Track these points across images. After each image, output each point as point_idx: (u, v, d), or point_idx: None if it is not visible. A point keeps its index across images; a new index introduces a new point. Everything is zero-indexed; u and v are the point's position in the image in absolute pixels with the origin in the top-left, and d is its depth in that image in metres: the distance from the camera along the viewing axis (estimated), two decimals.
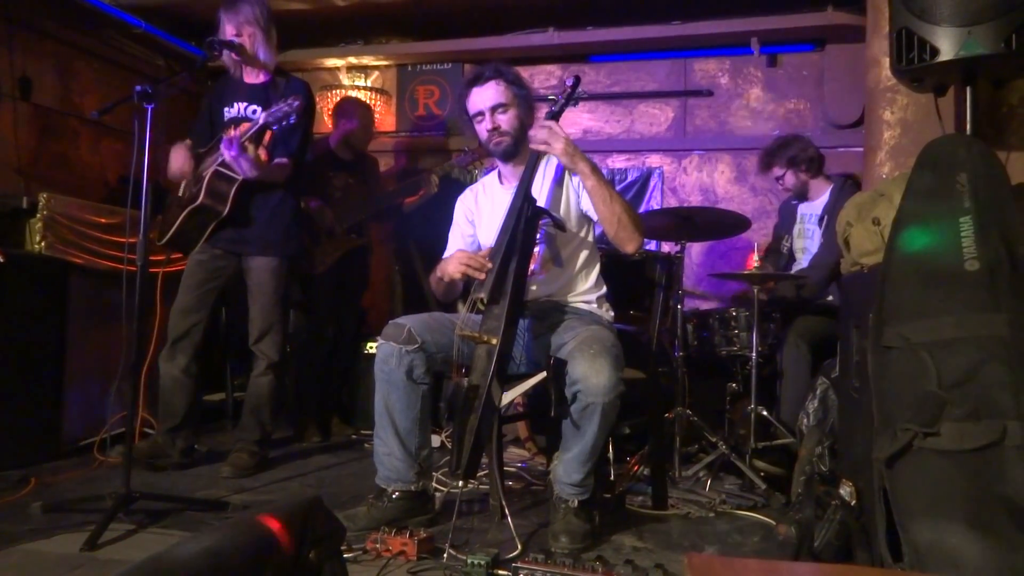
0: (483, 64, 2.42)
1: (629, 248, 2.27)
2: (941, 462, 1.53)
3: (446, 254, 2.40)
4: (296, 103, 2.80)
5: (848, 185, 3.44)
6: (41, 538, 2.06)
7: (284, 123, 2.86)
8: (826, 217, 3.40)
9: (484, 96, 2.36)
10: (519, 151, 2.40)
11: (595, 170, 2.22)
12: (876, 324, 1.72)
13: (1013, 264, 1.62)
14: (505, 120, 2.36)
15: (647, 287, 2.88)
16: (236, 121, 2.98)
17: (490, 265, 2.16)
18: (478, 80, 2.37)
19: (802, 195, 3.54)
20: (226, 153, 2.83)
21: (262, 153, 2.92)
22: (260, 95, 3.03)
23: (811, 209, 3.53)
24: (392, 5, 4.12)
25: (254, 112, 2.99)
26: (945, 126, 2.23)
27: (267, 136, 2.96)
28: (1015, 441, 1.48)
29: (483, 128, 2.38)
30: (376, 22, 4.40)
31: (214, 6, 3.03)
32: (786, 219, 3.69)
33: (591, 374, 2.02)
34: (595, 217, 2.32)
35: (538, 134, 2.22)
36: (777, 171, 3.51)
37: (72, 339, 3.22)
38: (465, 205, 2.59)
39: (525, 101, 2.39)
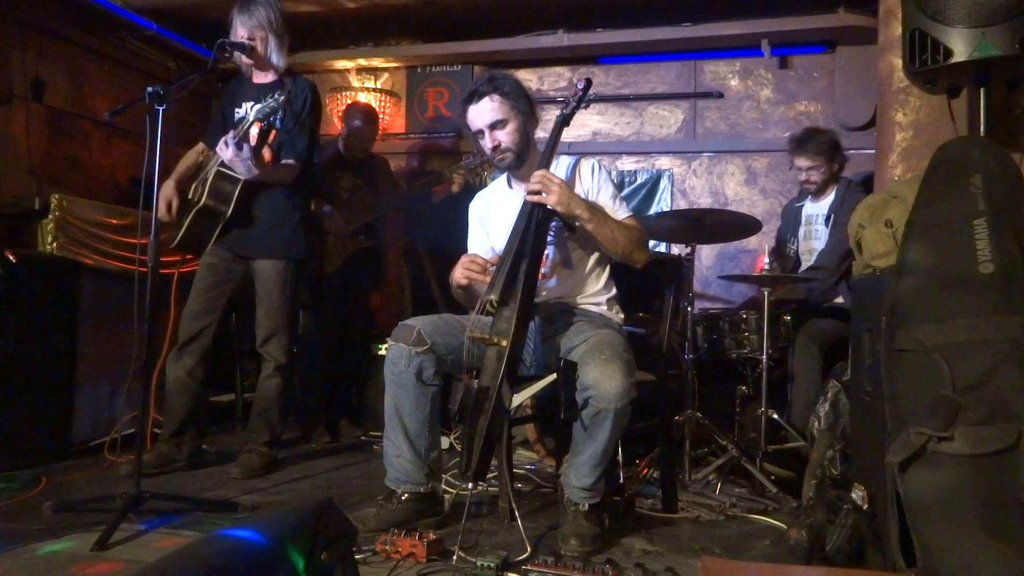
0: (492, 67, 2.41)
1: (637, 266, 2.36)
2: (955, 466, 1.52)
3: None
4: (281, 97, 2.80)
5: (853, 186, 3.41)
6: (51, 538, 2.07)
7: (273, 118, 2.86)
8: (832, 216, 3.38)
9: (480, 115, 2.34)
10: (526, 159, 2.39)
11: (594, 214, 2.22)
12: (889, 327, 1.70)
13: None
14: (504, 136, 2.34)
15: (657, 289, 2.87)
16: (243, 121, 2.99)
17: (480, 262, 2.21)
18: (473, 98, 2.34)
19: (819, 193, 3.48)
20: (221, 154, 2.84)
21: (266, 153, 2.92)
22: (267, 95, 3.03)
23: (817, 209, 3.51)
24: (402, 7, 4.12)
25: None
26: (958, 128, 2.21)
27: (272, 135, 2.96)
28: None
29: (485, 146, 2.37)
30: (386, 24, 4.41)
31: (225, 8, 3.05)
32: (790, 222, 3.66)
33: (603, 380, 2.00)
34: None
35: (531, 186, 2.18)
36: (819, 159, 3.37)
37: (83, 340, 3.23)
38: (476, 211, 2.59)
39: (524, 111, 2.35)
